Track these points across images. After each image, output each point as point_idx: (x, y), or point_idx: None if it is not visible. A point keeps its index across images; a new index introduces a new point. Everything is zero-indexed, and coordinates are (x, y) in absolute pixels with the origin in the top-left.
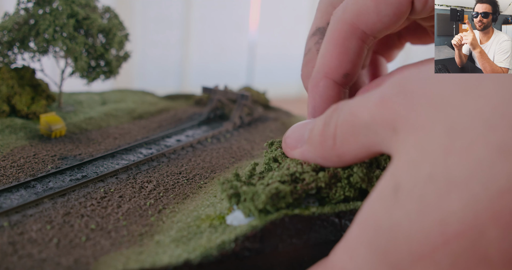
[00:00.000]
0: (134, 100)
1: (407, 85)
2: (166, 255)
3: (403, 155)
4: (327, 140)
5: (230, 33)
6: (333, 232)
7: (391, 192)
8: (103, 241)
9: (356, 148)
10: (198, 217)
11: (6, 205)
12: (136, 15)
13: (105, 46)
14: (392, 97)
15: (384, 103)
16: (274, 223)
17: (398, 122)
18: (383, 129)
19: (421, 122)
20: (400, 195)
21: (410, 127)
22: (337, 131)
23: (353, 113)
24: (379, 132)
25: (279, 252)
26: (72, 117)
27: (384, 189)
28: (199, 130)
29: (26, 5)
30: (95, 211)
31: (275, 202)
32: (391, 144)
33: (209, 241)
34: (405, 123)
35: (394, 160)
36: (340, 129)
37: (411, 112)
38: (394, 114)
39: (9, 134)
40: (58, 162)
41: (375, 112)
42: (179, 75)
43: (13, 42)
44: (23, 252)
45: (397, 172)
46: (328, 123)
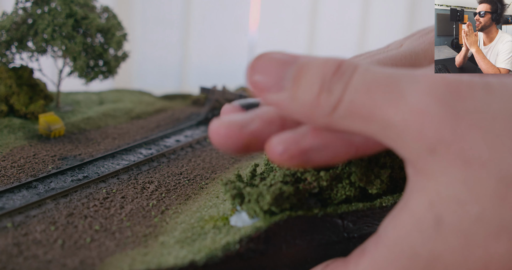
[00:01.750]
0: (131, 100)
1: (462, 104)
2: (171, 256)
3: (446, 188)
4: (322, 106)
5: (230, 33)
6: (336, 233)
7: (432, 224)
8: (108, 242)
9: (359, 130)
10: (202, 218)
11: (9, 206)
12: (136, 15)
13: (104, 46)
14: (441, 114)
15: (427, 117)
16: (278, 224)
17: (441, 145)
18: (415, 142)
19: (471, 156)
20: (443, 229)
21: (456, 157)
22: (342, 105)
23: (374, 100)
24: (407, 141)
25: (283, 253)
26: (70, 117)
27: (423, 219)
28: (197, 130)
29: (24, 4)
30: (98, 212)
31: (280, 202)
32: (421, 162)
33: (213, 242)
34: (451, 150)
35: (431, 187)
36: (347, 106)
37: (460, 141)
38: (438, 135)
39: (7, 134)
40: (59, 162)
41: (412, 121)
42: (179, 75)
43: (11, 42)
44: (29, 253)
45: (440, 205)
46: (328, 89)
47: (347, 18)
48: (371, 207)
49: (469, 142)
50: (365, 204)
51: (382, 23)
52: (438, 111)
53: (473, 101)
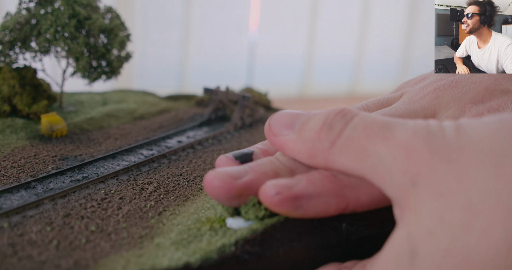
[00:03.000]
0: (135, 101)
1: (436, 141)
2: (166, 258)
3: (421, 220)
4: (323, 141)
5: (230, 33)
6: (333, 235)
7: (408, 256)
8: (103, 243)
9: (352, 166)
10: (199, 219)
11: (6, 206)
12: (136, 15)
13: (107, 46)
14: (419, 149)
15: (409, 153)
16: (275, 227)
17: (420, 179)
18: (401, 176)
19: (442, 188)
20: (417, 262)
21: (430, 189)
22: (340, 140)
23: (369, 137)
24: (395, 175)
25: (279, 256)
26: (73, 117)
27: (400, 251)
28: (200, 131)
29: (28, 4)
30: (95, 213)
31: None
32: (405, 195)
33: (209, 244)
34: (427, 183)
35: (410, 219)
36: (345, 141)
37: (434, 174)
38: (418, 169)
39: (10, 134)
40: (59, 163)
41: (397, 155)
42: (179, 75)
43: (14, 42)
44: (23, 253)
45: (414, 236)
46: (329, 125)
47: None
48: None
49: (441, 175)
50: None
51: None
52: (418, 147)
53: (444, 137)
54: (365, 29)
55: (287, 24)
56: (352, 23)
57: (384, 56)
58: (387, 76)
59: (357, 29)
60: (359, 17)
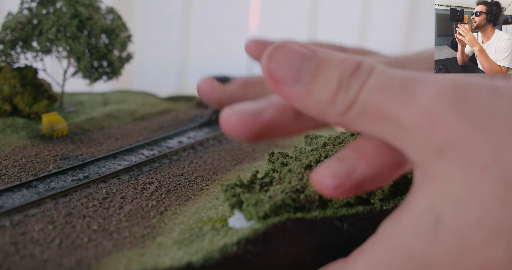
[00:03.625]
0: (136, 101)
1: (468, 106)
2: (168, 257)
3: (449, 190)
4: (337, 105)
5: (230, 33)
6: (335, 235)
7: (431, 226)
8: (105, 242)
9: (371, 129)
10: (200, 219)
11: (8, 205)
12: (136, 15)
13: (108, 47)
14: (447, 115)
15: (435, 118)
16: (277, 227)
17: (447, 147)
18: (424, 144)
19: (475, 158)
20: (442, 231)
21: (461, 159)
22: (356, 105)
23: (387, 101)
24: (416, 142)
25: (281, 256)
26: (74, 117)
27: (422, 220)
28: (200, 132)
29: (29, 4)
30: (97, 212)
31: (277, 211)
32: (428, 163)
33: (211, 244)
34: (456, 153)
35: (435, 189)
36: (361, 106)
37: (465, 144)
38: (445, 137)
39: (11, 134)
40: (60, 162)
41: (420, 122)
42: (179, 75)
43: (16, 42)
44: (25, 252)
45: (441, 207)
46: (345, 88)
47: (347, 18)
48: (371, 210)
49: (473, 145)
50: (365, 208)
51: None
52: (445, 112)
53: (479, 103)
54: (365, 29)
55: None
56: (352, 23)
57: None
58: None
59: (357, 29)
60: (359, 17)
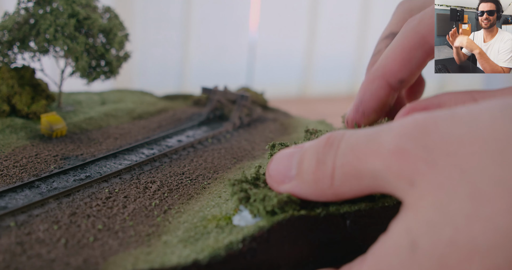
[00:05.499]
0: (133, 100)
1: (430, 137)
2: (174, 255)
3: (421, 214)
4: (322, 179)
5: (230, 33)
6: (338, 232)
7: (408, 249)
8: (111, 241)
9: (359, 189)
10: (204, 217)
11: (11, 205)
12: (136, 15)
13: (106, 46)
14: (413, 150)
15: (403, 156)
16: (281, 224)
17: (417, 177)
18: (398, 180)
19: (443, 182)
20: (418, 253)
21: (430, 185)
22: (336, 172)
23: (358, 157)
24: (392, 182)
25: (285, 253)
26: (72, 117)
27: (400, 243)
28: (199, 131)
29: (26, 4)
30: (101, 211)
31: (284, 206)
32: (405, 196)
33: (216, 242)
34: (425, 180)
35: (409, 214)
36: (340, 171)
37: (433, 170)
38: (414, 168)
39: (9, 134)
40: (61, 162)
41: (390, 163)
42: (179, 75)
43: (13, 42)
44: (32, 252)
45: (415, 230)
46: (322, 161)
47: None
48: (373, 207)
49: (440, 169)
50: (367, 204)
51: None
52: (410, 148)
53: (440, 132)
54: (365, 29)
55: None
56: (352, 23)
57: None
58: None
59: (357, 29)
60: (359, 17)
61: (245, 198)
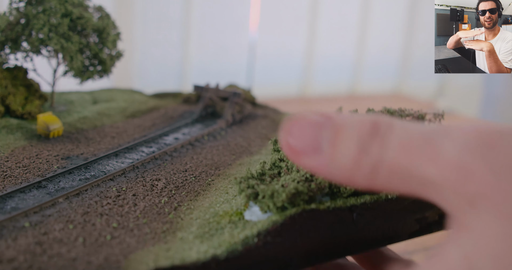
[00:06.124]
0: (124, 99)
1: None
2: (193, 251)
3: (485, 244)
4: (361, 169)
5: (230, 33)
6: (346, 224)
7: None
8: (128, 239)
9: (400, 188)
10: (216, 213)
11: (22, 206)
12: (136, 15)
13: (99, 46)
14: (477, 168)
15: (466, 172)
16: (293, 218)
17: (480, 199)
18: (455, 196)
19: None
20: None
21: (496, 210)
22: (381, 169)
23: (411, 158)
24: (446, 196)
25: (297, 246)
26: (66, 117)
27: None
28: (194, 128)
29: (18, 4)
30: (113, 210)
31: (293, 200)
32: (461, 214)
33: (232, 237)
34: (490, 203)
35: (468, 241)
36: (386, 167)
37: (500, 195)
38: (477, 189)
39: (6, 135)
40: (63, 162)
41: (450, 176)
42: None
43: (5, 42)
44: (52, 251)
45: (475, 259)
46: (365, 150)
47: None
48: (377, 199)
49: (507, 195)
50: (372, 197)
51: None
52: (474, 164)
53: (507, 151)
54: (365, 29)
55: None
56: (352, 23)
57: (384, 56)
58: (387, 76)
59: (357, 29)
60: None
61: (253, 194)
